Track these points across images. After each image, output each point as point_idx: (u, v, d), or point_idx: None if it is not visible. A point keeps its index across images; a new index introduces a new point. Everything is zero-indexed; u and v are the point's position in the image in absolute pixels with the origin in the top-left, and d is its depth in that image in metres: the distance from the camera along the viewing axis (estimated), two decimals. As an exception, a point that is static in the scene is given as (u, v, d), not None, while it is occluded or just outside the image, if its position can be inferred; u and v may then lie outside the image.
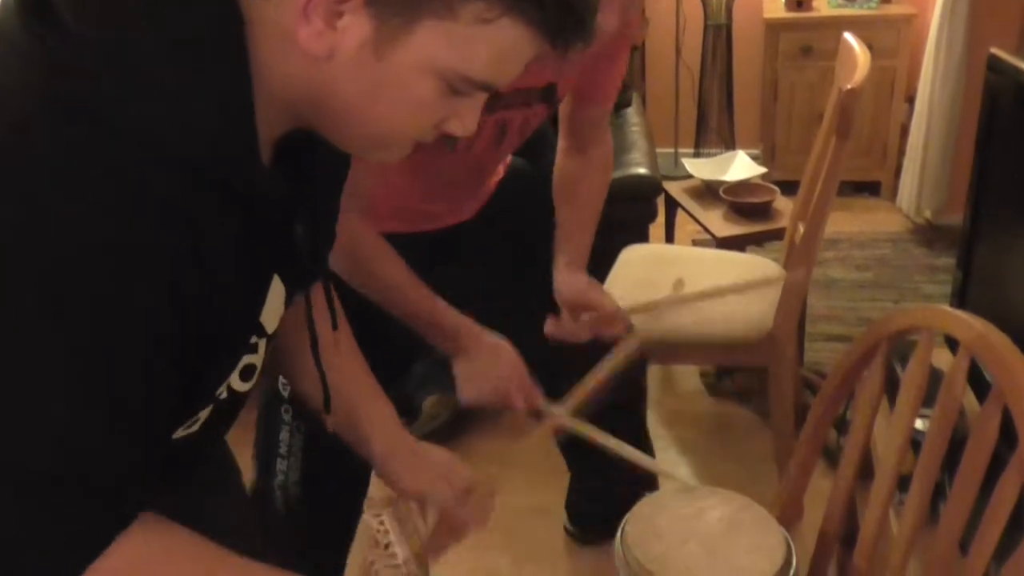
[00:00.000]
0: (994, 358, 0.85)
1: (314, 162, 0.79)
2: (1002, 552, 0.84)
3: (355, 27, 0.65)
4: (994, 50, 1.59)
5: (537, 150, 1.61)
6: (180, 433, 0.78)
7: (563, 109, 1.47)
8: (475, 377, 1.30)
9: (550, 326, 1.39)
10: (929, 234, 3.34)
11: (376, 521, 2.31)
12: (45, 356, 0.62)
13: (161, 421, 0.72)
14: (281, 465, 1.44)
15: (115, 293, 0.62)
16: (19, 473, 0.64)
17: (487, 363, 1.30)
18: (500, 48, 0.68)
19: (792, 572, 1.10)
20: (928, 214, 3.36)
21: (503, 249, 1.53)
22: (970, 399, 1.56)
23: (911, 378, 0.99)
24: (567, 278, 1.41)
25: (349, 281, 1.22)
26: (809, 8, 3.54)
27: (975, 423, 0.89)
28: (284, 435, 1.44)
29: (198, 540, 0.76)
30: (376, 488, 2.20)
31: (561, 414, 1.31)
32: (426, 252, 1.36)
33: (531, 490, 2.16)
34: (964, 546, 0.89)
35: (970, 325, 0.90)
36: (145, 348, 0.65)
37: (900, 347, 1.19)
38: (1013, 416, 0.81)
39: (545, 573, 1.97)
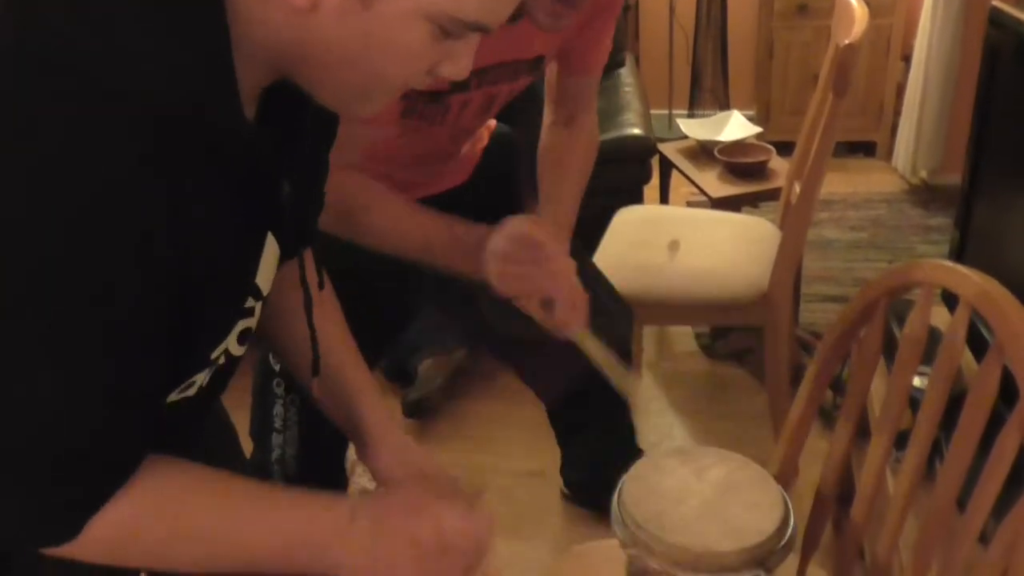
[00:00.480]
0: (996, 312, 0.85)
1: (300, 118, 0.77)
2: (1000, 509, 0.84)
3: None
4: (996, 2, 1.56)
5: (526, 118, 1.59)
6: (175, 396, 0.77)
7: (549, 80, 1.44)
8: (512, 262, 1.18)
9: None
10: (924, 194, 3.33)
11: (372, 484, 2.32)
12: (28, 322, 0.61)
13: (156, 384, 0.71)
14: (277, 440, 1.42)
15: (95, 253, 0.60)
16: (14, 442, 0.64)
17: (526, 248, 1.18)
18: None
19: (790, 530, 1.10)
20: (924, 174, 3.35)
21: (488, 216, 1.51)
22: (967, 358, 1.56)
23: (911, 332, 0.98)
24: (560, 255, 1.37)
25: (345, 236, 1.17)
26: (805, -35, 3.50)
27: (974, 379, 0.88)
28: (278, 409, 1.42)
29: (202, 471, 0.76)
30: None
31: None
32: None
33: (528, 453, 2.17)
34: (961, 503, 0.89)
35: (972, 279, 0.89)
36: (132, 309, 0.64)
37: (896, 307, 1.19)
38: (1013, 371, 0.81)
39: (541, 534, 1.98)
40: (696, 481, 1.16)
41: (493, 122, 1.56)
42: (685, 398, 2.40)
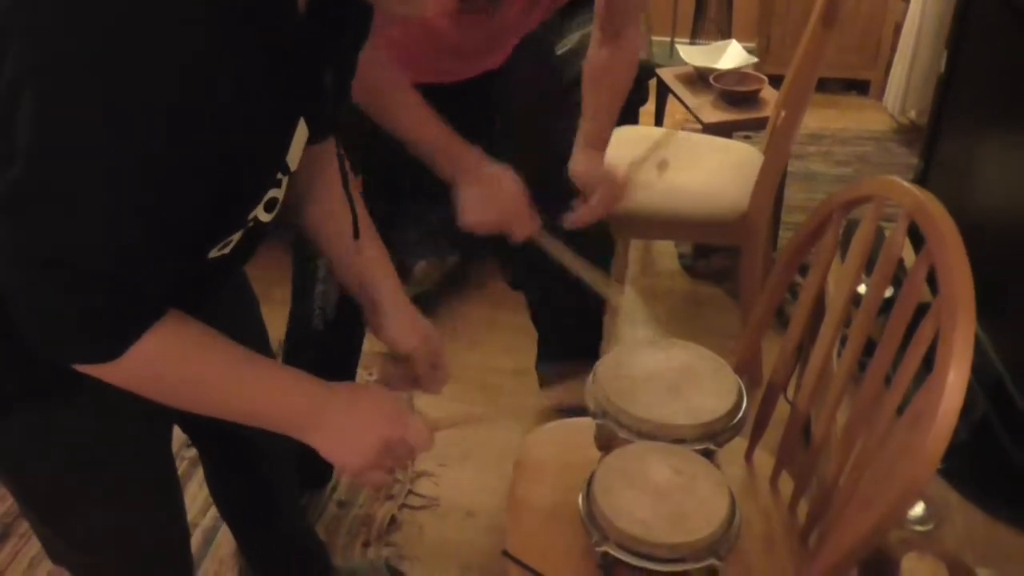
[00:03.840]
0: (927, 221, 0.97)
1: (343, 16, 0.87)
2: (917, 384, 0.97)
3: None
4: (974, -53, 1.66)
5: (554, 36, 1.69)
6: (215, 253, 0.89)
7: (598, 1, 1.52)
8: (478, 203, 1.38)
9: (566, 220, 1.49)
10: (911, 134, 3.42)
11: (366, 373, 2.47)
12: (103, 162, 0.71)
13: (197, 235, 0.83)
14: (319, 288, 1.59)
15: (165, 110, 0.70)
16: (78, 262, 0.74)
17: (490, 190, 1.37)
18: None
19: (740, 414, 1.24)
20: (913, 114, 3.43)
21: (515, 104, 1.61)
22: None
23: (860, 236, 1.13)
24: (584, 157, 1.50)
25: (364, 109, 1.31)
26: (815, -101, 3.51)
27: (907, 277, 1.01)
28: (321, 260, 1.56)
29: (219, 336, 0.88)
30: (365, 343, 2.33)
31: (542, 235, 1.42)
32: (442, 102, 1.43)
33: (511, 353, 2.30)
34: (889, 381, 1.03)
35: (912, 194, 1.02)
36: (189, 166, 0.74)
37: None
38: (937, 272, 0.94)
39: (521, 424, 2.13)
40: (663, 367, 1.30)
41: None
42: (666, 313, 2.53)
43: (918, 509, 1.66)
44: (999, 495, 1.63)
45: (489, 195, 1.37)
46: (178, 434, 1.19)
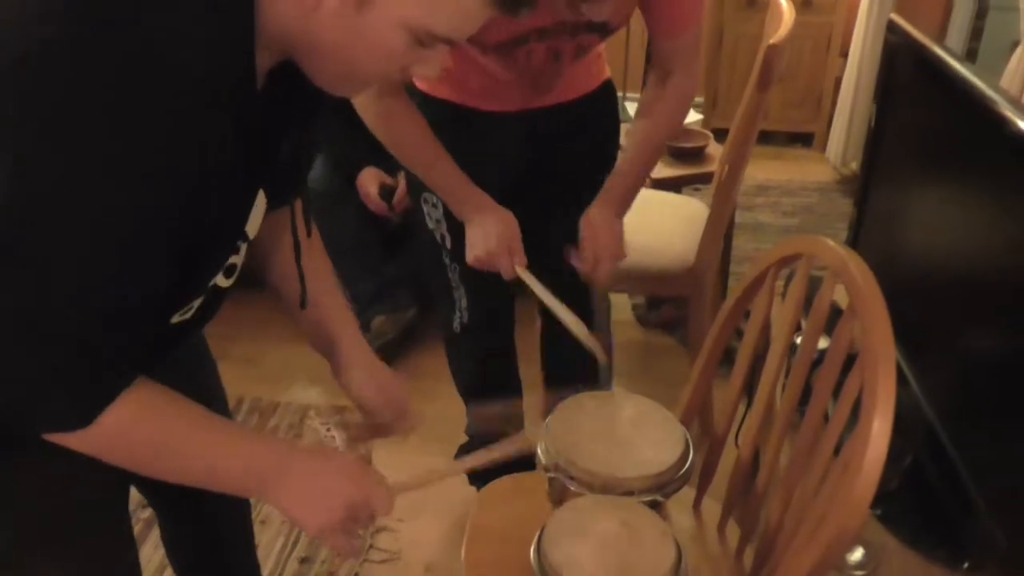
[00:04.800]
0: (850, 280, 1.03)
1: (298, 94, 0.92)
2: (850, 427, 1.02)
3: None
4: (893, 16, 1.77)
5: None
6: (177, 318, 0.92)
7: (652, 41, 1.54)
8: (476, 242, 1.50)
9: (567, 253, 1.54)
10: (853, 184, 3.54)
11: (324, 428, 2.48)
12: (80, 234, 0.74)
13: (162, 301, 0.86)
14: (457, 294, 1.71)
15: (137, 184, 0.74)
16: (49, 330, 0.77)
17: (487, 228, 1.49)
18: (462, 10, 0.81)
19: (687, 465, 1.29)
20: (854, 165, 3.56)
21: (570, 159, 1.65)
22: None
23: (793, 292, 1.19)
24: (598, 213, 1.52)
25: (388, 149, 1.47)
26: (755, -39, 3.67)
27: (834, 335, 1.07)
28: (450, 274, 1.69)
29: (184, 400, 0.91)
30: (323, 398, 2.35)
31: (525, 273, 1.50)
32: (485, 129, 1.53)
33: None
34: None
35: (836, 253, 1.08)
36: (156, 233, 0.78)
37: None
38: (861, 326, 1.00)
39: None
40: (612, 420, 1.34)
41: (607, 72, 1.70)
42: (618, 362, 2.59)
43: (857, 554, 1.71)
44: (934, 537, 1.69)
45: (484, 233, 1.48)
46: (134, 494, 1.20)
